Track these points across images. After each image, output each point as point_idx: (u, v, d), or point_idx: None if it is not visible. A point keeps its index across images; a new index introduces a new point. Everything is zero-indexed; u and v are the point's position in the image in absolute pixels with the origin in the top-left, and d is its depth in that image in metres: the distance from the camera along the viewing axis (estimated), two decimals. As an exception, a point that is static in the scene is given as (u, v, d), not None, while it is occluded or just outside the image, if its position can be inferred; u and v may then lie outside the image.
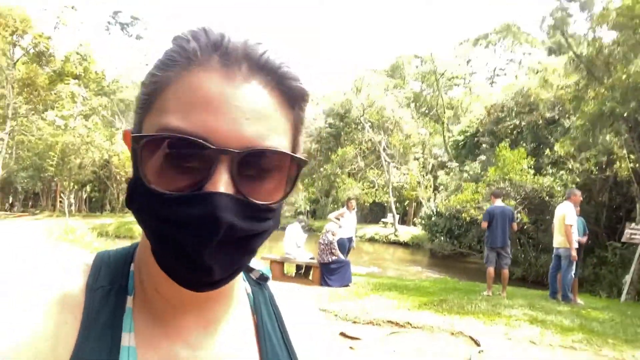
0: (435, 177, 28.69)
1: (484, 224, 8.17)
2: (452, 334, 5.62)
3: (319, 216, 35.27)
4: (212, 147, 0.43)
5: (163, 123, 0.45)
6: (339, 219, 9.62)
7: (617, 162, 12.54)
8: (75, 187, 33.31)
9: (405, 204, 35.08)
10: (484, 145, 20.13)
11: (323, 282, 8.88)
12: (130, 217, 21.54)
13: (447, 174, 22.26)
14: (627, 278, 11.34)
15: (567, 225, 7.47)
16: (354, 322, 6.19)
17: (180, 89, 0.46)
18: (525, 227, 15.48)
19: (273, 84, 0.48)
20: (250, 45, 0.47)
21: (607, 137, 11.77)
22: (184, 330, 0.54)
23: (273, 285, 0.68)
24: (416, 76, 37.21)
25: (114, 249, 0.59)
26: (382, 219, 31.71)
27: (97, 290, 0.52)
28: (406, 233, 28.14)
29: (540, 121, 17.62)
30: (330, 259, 8.92)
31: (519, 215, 14.65)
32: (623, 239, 11.59)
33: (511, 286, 9.44)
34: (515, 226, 8.26)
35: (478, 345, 5.15)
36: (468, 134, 24.65)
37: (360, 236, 30.62)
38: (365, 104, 28.38)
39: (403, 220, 33.57)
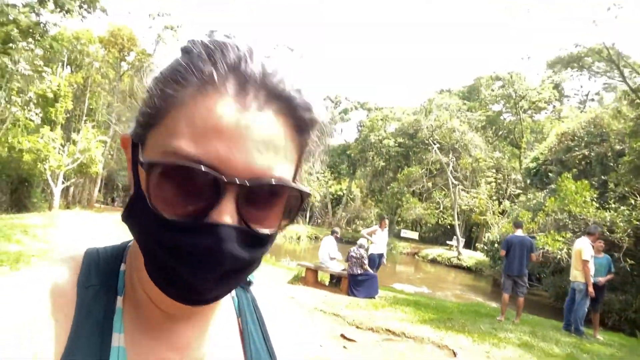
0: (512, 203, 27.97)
1: (502, 252, 8.50)
2: (439, 346, 6.18)
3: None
4: (222, 177, 0.43)
5: (173, 146, 0.44)
6: (371, 236, 10.37)
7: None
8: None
9: (473, 228, 34.38)
10: (550, 175, 19.55)
11: (350, 292, 9.66)
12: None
13: (512, 201, 21.76)
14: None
15: (584, 260, 7.61)
16: (357, 327, 6.95)
17: (194, 112, 0.44)
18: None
19: (287, 112, 0.48)
20: (268, 71, 0.46)
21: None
22: (173, 333, 0.55)
23: (255, 288, 0.69)
24: (494, 98, 36.41)
25: (103, 247, 0.59)
26: (448, 241, 31.41)
27: (89, 288, 0.52)
28: (470, 258, 27.63)
29: (610, 153, 16.86)
30: (358, 272, 9.70)
31: (570, 248, 14.25)
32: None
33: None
34: (534, 257, 8.45)
35: (454, 356, 5.70)
36: (540, 161, 23.88)
37: (422, 256, 30.69)
38: (434, 125, 28.52)
39: (470, 245, 32.94)
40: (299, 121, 0.49)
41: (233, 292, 0.66)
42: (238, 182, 0.44)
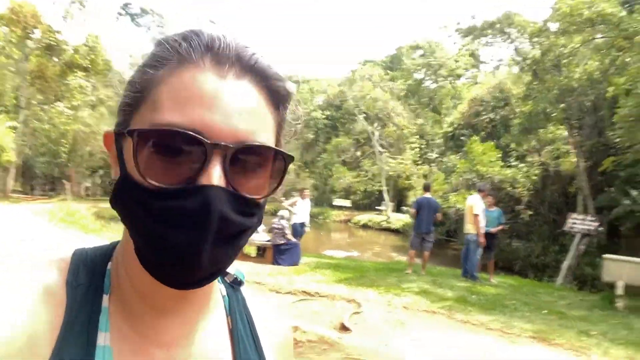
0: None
1: (412, 212, 9.38)
2: (348, 301, 6.87)
3: (319, 203, 36.71)
4: (207, 140, 0.44)
5: (157, 119, 0.46)
6: (292, 207, 10.90)
7: (562, 157, 13.48)
8: (87, 172, 35.31)
9: (402, 192, 36.20)
10: (462, 138, 21.08)
11: (275, 261, 10.19)
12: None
13: (433, 165, 23.23)
14: (565, 264, 12.40)
15: (475, 214, 8.61)
16: (277, 292, 7.47)
17: (174, 85, 0.47)
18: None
19: (261, 85, 0.51)
20: (241, 47, 0.50)
21: (550, 135, 12.70)
22: (160, 330, 0.54)
23: (245, 289, 0.70)
24: (415, 67, 37.87)
25: (92, 247, 0.59)
26: (377, 207, 32.92)
27: (77, 288, 0.52)
28: (398, 220, 29.21)
29: (512, 116, 18.49)
30: (281, 241, 10.23)
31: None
32: (564, 228, 12.66)
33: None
34: (439, 216, 9.41)
35: (359, 307, 6.41)
36: (455, 126, 25.54)
37: (354, 222, 32.03)
38: (358, 96, 29.36)
39: (400, 209, 34.76)
40: (274, 93, 0.52)
41: (223, 291, 0.65)
42: (223, 145, 0.45)
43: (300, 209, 10.95)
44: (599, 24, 11.35)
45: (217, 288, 0.64)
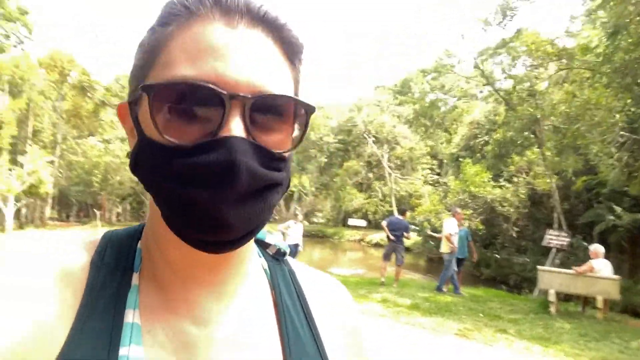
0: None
1: (384, 227, 10.82)
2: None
3: (333, 224, 38.11)
4: (224, 92, 0.43)
5: (171, 74, 0.44)
6: (286, 230, 12.43)
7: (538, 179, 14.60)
8: (117, 200, 38.00)
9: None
10: (459, 160, 22.28)
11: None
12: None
13: (433, 186, 24.41)
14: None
15: (447, 234, 9.84)
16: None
17: (186, 39, 0.45)
18: (480, 232, 17.61)
19: (273, 35, 0.49)
20: (249, 1, 0.47)
21: (525, 159, 13.89)
22: (194, 305, 0.51)
23: (295, 262, 0.65)
24: (423, 92, 39.25)
25: (122, 228, 0.58)
26: (389, 226, 34.05)
27: (102, 267, 0.51)
28: (411, 239, 30.33)
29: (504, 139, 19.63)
30: (276, 260, 11.73)
31: (471, 223, 16.86)
32: (543, 243, 13.73)
33: (477, 286, 12.19)
34: (408, 236, 10.79)
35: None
36: (459, 147, 26.71)
37: (367, 241, 33.22)
38: (366, 121, 30.95)
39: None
40: (288, 44, 0.50)
41: (265, 264, 0.61)
42: (241, 96, 0.44)
43: (293, 232, 12.45)
44: (563, 58, 12.63)
45: (258, 262, 0.61)
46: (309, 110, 0.50)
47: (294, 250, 12.63)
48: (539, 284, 8.70)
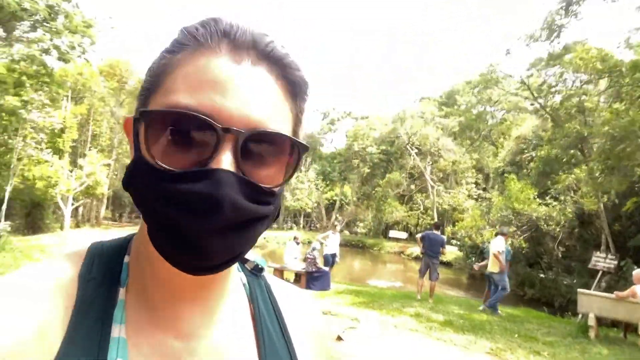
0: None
1: (419, 243, 10.80)
2: (352, 319, 8.43)
3: (374, 235, 38.00)
4: (218, 125, 0.44)
5: (171, 101, 0.46)
6: (325, 240, 12.67)
7: (586, 198, 14.07)
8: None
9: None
10: (504, 175, 21.78)
11: (307, 286, 11.92)
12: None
13: (477, 200, 23.93)
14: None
15: (495, 252, 9.71)
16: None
17: (189, 69, 0.47)
18: (524, 251, 17.11)
19: (278, 73, 0.50)
20: (258, 35, 0.49)
21: (572, 177, 13.46)
22: (178, 320, 0.53)
23: (270, 277, 0.68)
24: (470, 105, 38.61)
25: (108, 240, 0.59)
26: (431, 239, 33.56)
27: (90, 281, 0.51)
28: (451, 253, 29.74)
29: (551, 155, 19.06)
30: (313, 269, 11.98)
31: (514, 240, 16.46)
32: (590, 265, 13.23)
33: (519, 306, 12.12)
34: (444, 251, 10.73)
35: (358, 323, 7.96)
36: (505, 161, 26.10)
37: (407, 254, 32.90)
38: (409, 133, 30.81)
39: (450, 242, 35.09)
40: (291, 83, 0.52)
41: (244, 279, 0.65)
42: (235, 130, 0.44)
43: (331, 242, 12.68)
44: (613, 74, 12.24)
45: (237, 276, 0.63)
46: (303, 149, 0.51)
47: (332, 259, 12.87)
48: (578, 307, 8.47)
